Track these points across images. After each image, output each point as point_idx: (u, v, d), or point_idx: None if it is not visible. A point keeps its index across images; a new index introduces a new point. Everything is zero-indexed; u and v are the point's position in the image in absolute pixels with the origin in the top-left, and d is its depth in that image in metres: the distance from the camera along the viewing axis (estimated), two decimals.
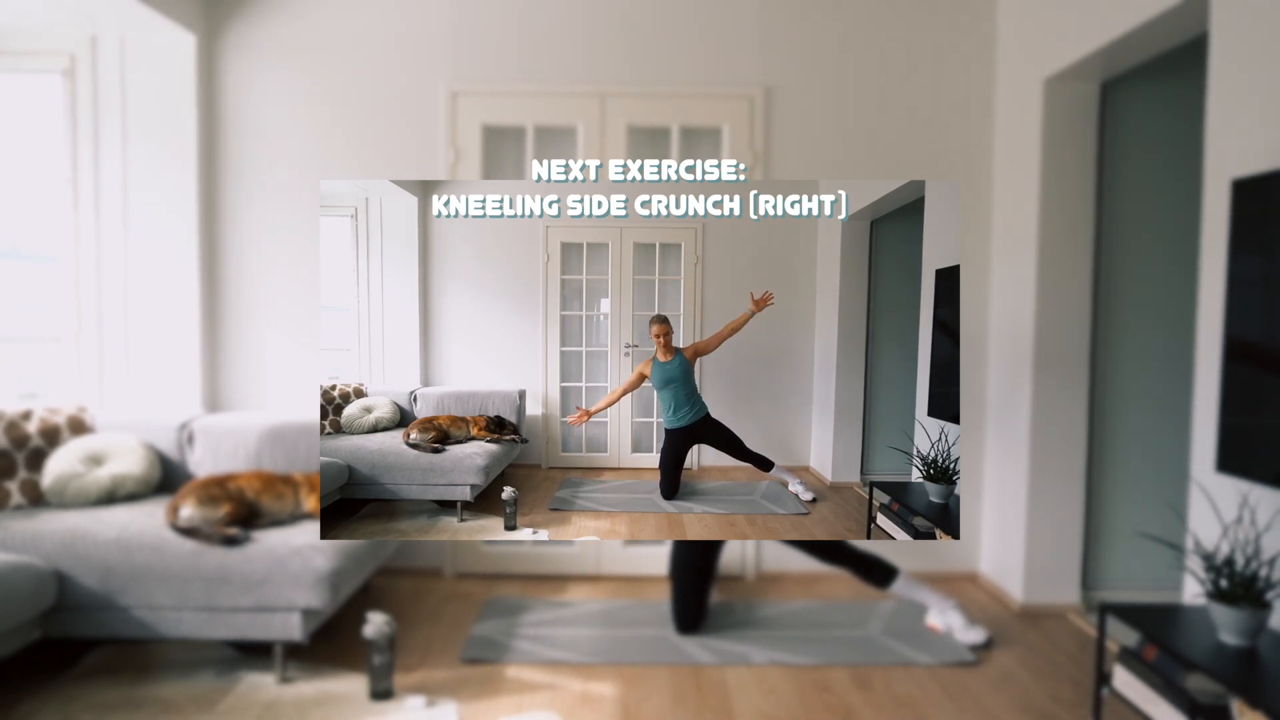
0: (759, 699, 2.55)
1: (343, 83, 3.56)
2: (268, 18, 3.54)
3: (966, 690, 2.61)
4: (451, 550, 3.68)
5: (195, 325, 3.51)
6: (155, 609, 2.55)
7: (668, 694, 2.57)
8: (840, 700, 2.54)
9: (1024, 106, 3.33)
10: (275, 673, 2.60)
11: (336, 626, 2.98)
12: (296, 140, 3.57)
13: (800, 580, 3.66)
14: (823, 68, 3.59)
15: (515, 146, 3.65)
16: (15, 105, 3.54)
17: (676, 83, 3.57)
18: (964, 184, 3.58)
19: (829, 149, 3.60)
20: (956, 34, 3.57)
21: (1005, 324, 3.48)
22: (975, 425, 3.61)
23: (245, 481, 2.92)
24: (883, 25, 3.57)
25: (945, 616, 3.03)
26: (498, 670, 2.73)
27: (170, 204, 3.48)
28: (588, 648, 2.90)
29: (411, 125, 3.57)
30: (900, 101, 3.59)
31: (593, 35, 3.56)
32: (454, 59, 3.56)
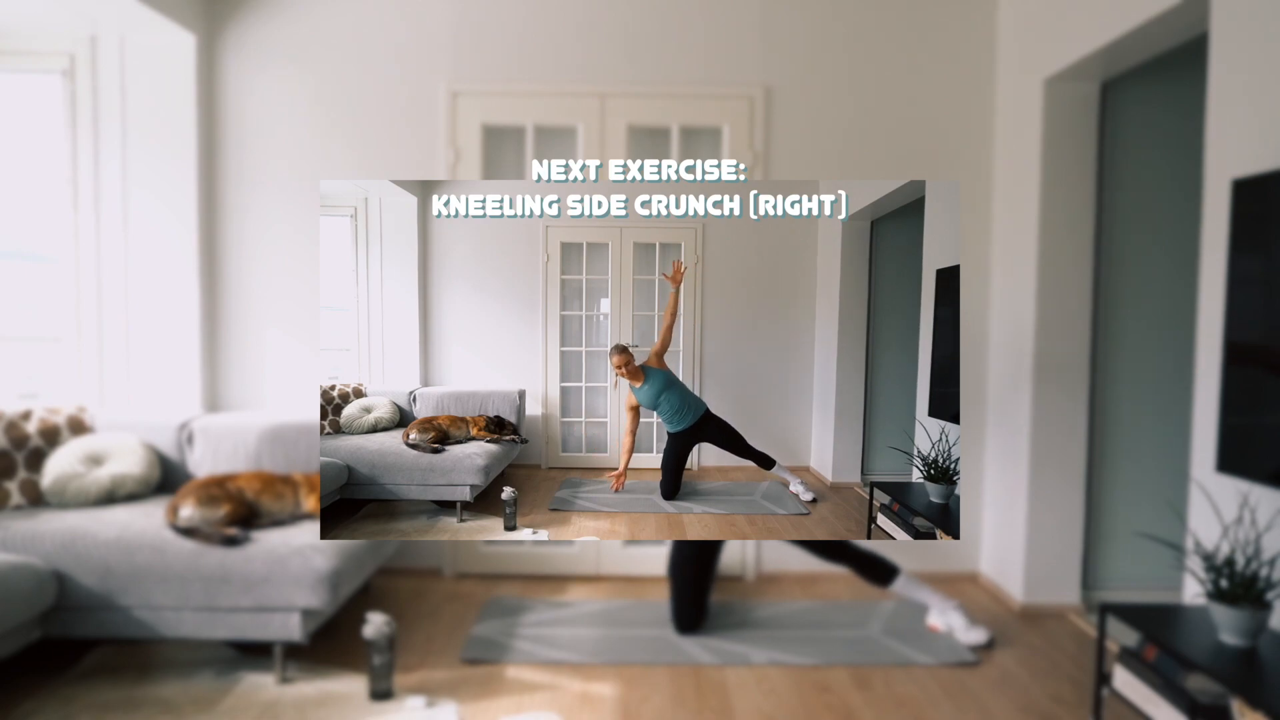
0: (759, 699, 2.54)
1: (343, 83, 3.56)
2: (268, 18, 3.54)
3: (966, 690, 2.61)
4: (451, 550, 3.68)
5: (195, 325, 3.51)
6: (155, 609, 2.55)
7: (668, 694, 2.57)
8: (840, 700, 2.54)
9: (1024, 106, 3.33)
10: (275, 673, 2.60)
11: (336, 626, 2.98)
12: (296, 140, 3.56)
13: (800, 580, 3.66)
14: (823, 68, 3.59)
15: (515, 146, 3.65)
16: (15, 105, 3.54)
17: (676, 83, 3.57)
18: (964, 184, 3.58)
19: (829, 149, 3.60)
20: (957, 34, 3.57)
21: (1005, 324, 3.48)
22: (975, 425, 3.61)
23: (245, 481, 2.92)
24: (883, 25, 3.57)
25: (946, 617, 3.03)
26: (498, 670, 2.72)
27: (170, 204, 3.48)
28: (588, 648, 2.90)
29: (411, 125, 3.57)
30: (900, 101, 3.59)
31: (593, 35, 3.56)
32: (454, 59, 3.56)
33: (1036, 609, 3.28)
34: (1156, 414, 3.35)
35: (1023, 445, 3.30)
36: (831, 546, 3.11)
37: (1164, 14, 2.50)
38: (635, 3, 3.56)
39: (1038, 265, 3.23)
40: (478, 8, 3.55)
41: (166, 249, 3.49)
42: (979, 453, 3.63)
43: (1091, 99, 3.20)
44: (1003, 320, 3.50)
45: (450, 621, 3.14)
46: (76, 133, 3.44)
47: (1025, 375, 3.29)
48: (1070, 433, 3.26)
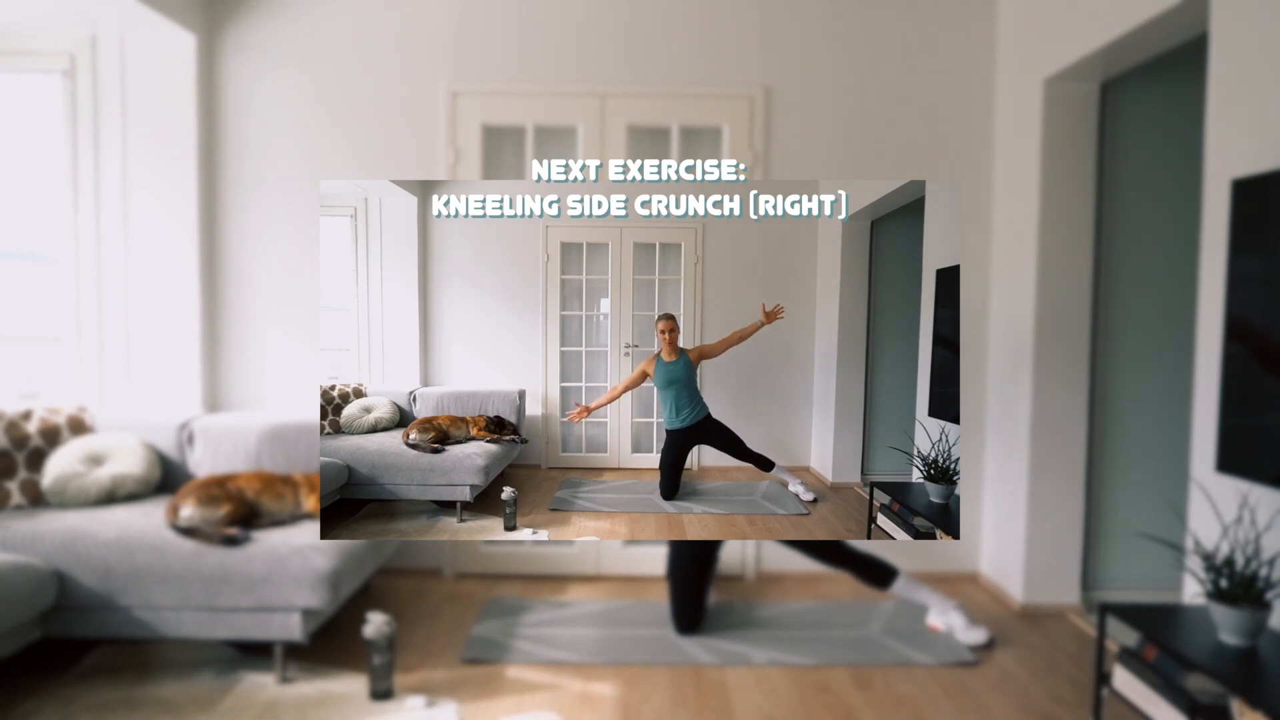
0: (759, 699, 2.54)
1: (343, 83, 3.56)
2: (268, 18, 3.54)
3: (966, 690, 2.61)
4: (451, 550, 3.68)
5: (195, 325, 3.51)
6: (155, 609, 2.55)
7: (668, 694, 2.57)
8: (840, 700, 2.54)
9: (1024, 106, 3.33)
10: (275, 673, 2.60)
11: (336, 626, 2.98)
12: (297, 140, 3.56)
13: (800, 580, 3.66)
14: (823, 68, 3.59)
15: (515, 146, 3.65)
16: (15, 105, 3.54)
17: (676, 83, 3.57)
18: (964, 184, 3.58)
19: (829, 149, 3.60)
20: (956, 34, 3.57)
21: (1005, 324, 3.48)
22: (975, 425, 3.61)
23: (245, 481, 2.92)
24: (883, 25, 3.57)
25: (946, 617, 3.03)
26: (498, 670, 2.72)
27: (170, 204, 3.48)
28: (588, 648, 2.90)
29: (411, 125, 3.57)
30: (900, 102, 3.58)
31: (593, 35, 3.56)
32: (454, 59, 3.55)
33: (1036, 609, 3.28)
34: (1156, 414, 3.35)
35: (1022, 445, 3.30)
36: (830, 550, 3.11)
37: (1164, 14, 2.49)
38: (635, 3, 3.56)
39: (1038, 265, 3.23)
40: (478, 8, 3.55)
41: (166, 249, 3.49)
42: (979, 453, 3.63)
43: (1091, 99, 3.20)
44: (1003, 320, 3.50)
45: (450, 621, 3.14)
46: (77, 133, 3.45)
47: (1025, 375, 3.29)
48: (1070, 433, 3.26)
